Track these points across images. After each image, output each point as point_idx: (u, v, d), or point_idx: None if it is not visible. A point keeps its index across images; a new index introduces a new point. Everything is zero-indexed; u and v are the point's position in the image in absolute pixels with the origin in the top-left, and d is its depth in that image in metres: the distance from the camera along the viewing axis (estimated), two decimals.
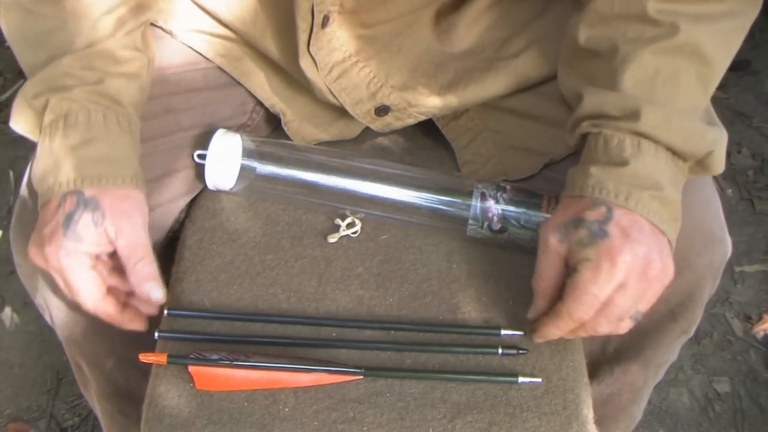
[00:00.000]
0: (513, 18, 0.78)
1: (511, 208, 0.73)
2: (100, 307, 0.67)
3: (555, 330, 0.65)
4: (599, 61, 0.67)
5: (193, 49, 0.82)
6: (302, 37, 0.74)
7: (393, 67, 0.77)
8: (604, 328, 0.64)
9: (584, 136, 0.68)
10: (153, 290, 0.67)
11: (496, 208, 0.72)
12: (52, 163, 0.66)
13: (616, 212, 0.62)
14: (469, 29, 0.79)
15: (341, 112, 0.81)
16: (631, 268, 0.61)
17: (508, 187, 0.74)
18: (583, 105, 0.67)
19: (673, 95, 0.65)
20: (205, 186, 0.77)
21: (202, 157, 0.75)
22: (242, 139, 0.75)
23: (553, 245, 0.64)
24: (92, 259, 0.66)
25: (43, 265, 0.66)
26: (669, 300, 0.70)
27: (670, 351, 0.86)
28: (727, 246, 0.77)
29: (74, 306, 0.69)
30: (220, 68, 0.82)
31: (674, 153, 0.64)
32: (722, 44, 0.66)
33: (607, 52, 0.67)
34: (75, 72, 0.68)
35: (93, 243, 0.65)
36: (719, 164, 0.66)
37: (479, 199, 0.73)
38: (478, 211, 0.73)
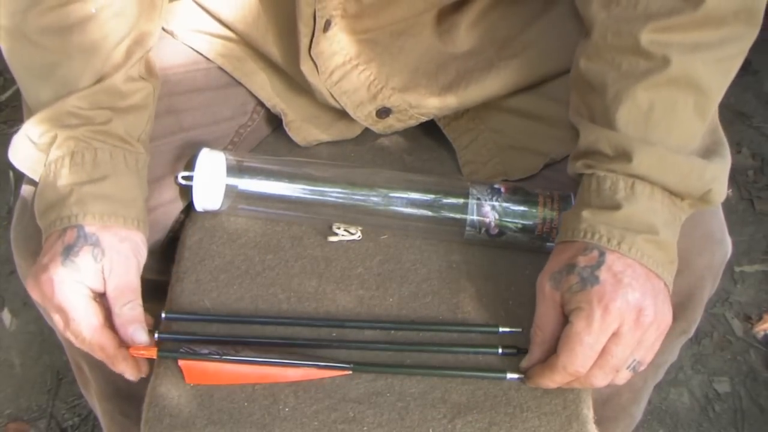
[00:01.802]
0: (514, 18, 0.78)
1: (507, 212, 0.72)
2: (96, 338, 0.65)
3: (549, 382, 0.64)
4: (596, 96, 0.66)
5: (194, 50, 0.82)
6: (304, 41, 0.74)
7: (393, 68, 0.77)
8: (600, 381, 0.63)
9: (577, 179, 0.66)
10: (137, 333, 0.66)
11: (492, 213, 0.72)
12: (56, 198, 0.66)
13: (609, 257, 0.61)
14: (471, 30, 0.79)
15: (342, 112, 0.81)
16: (624, 315, 0.60)
17: (503, 189, 0.73)
18: (580, 141, 0.66)
19: (669, 129, 0.63)
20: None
21: (188, 178, 0.74)
22: (227, 159, 0.73)
23: (548, 293, 0.63)
24: (90, 290, 0.65)
25: (39, 297, 0.65)
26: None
27: (670, 351, 0.86)
28: (727, 246, 0.77)
29: (70, 341, 0.67)
30: (221, 68, 0.82)
31: (671, 193, 0.63)
32: (719, 72, 0.64)
33: (600, 87, 0.65)
34: (82, 112, 0.67)
35: (90, 277, 0.64)
36: (719, 197, 0.64)
37: (475, 207, 0.72)
38: (474, 219, 0.73)
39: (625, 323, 0.60)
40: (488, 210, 0.72)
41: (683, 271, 0.66)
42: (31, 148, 0.68)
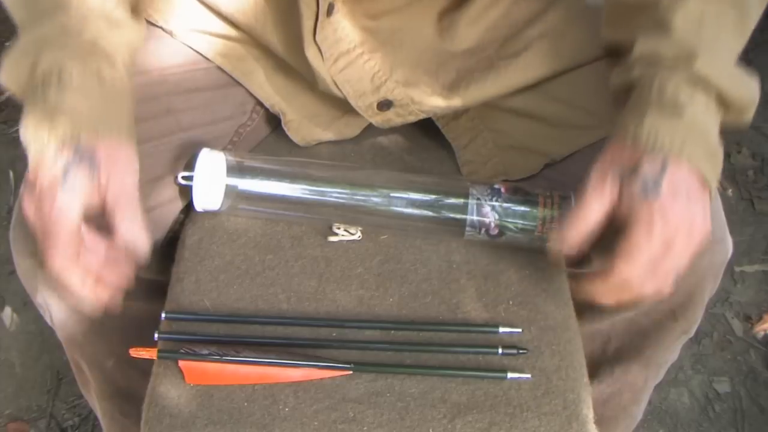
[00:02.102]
0: (514, 17, 0.78)
1: (507, 212, 0.72)
2: (66, 270, 0.64)
3: (602, 293, 0.63)
4: (645, 13, 0.66)
5: (194, 50, 0.82)
6: (307, 24, 0.74)
7: (397, 61, 0.77)
8: (649, 289, 0.62)
9: (628, 86, 0.66)
10: (139, 240, 0.65)
11: (492, 214, 0.72)
12: (46, 116, 0.65)
13: (671, 166, 0.61)
14: (471, 27, 0.78)
15: (342, 111, 0.81)
16: (681, 226, 0.60)
17: (503, 190, 0.73)
18: (636, 48, 0.66)
19: (716, 40, 0.64)
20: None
21: (188, 178, 0.73)
22: (227, 159, 0.73)
23: (606, 185, 0.62)
24: (80, 219, 0.64)
25: (33, 217, 0.65)
26: (669, 300, 0.69)
27: (670, 351, 0.86)
28: (727, 246, 0.77)
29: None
30: (220, 68, 0.82)
31: (721, 101, 0.64)
32: None
33: (649, 3, 0.66)
34: (69, 30, 0.67)
35: (89, 196, 0.64)
36: (751, 115, 0.66)
37: (475, 207, 0.72)
38: (474, 219, 0.72)
39: (680, 234, 0.61)
40: (488, 210, 0.72)
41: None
42: (18, 65, 0.67)
